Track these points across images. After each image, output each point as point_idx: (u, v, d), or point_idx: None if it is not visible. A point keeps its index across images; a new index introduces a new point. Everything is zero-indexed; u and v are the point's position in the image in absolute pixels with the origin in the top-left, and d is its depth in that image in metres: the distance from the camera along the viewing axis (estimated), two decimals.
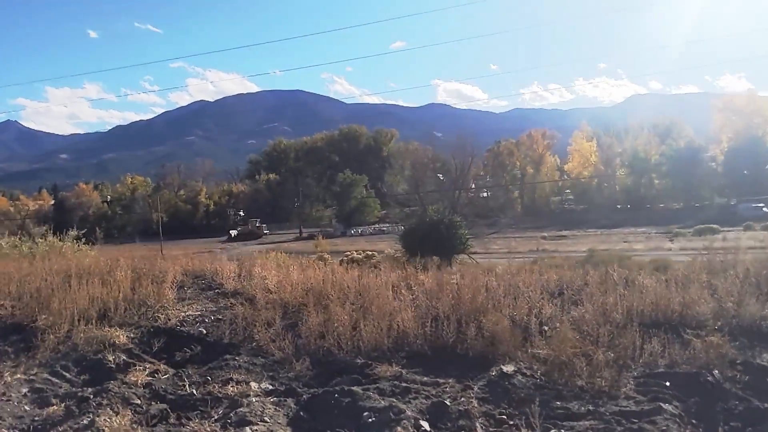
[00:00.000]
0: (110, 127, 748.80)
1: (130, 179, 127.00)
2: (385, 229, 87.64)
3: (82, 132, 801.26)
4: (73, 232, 16.91)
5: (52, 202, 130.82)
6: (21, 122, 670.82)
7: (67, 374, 5.37)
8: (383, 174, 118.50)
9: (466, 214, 46.98)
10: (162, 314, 6.56)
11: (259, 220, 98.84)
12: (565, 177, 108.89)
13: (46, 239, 16.05)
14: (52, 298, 6.54)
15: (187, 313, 6.64)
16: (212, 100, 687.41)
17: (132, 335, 6.09)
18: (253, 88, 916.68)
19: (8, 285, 7.43)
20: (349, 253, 42.78)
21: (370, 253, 44.35)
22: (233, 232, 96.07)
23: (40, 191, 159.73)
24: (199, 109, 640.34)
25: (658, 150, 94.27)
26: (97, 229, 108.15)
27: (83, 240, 17.87)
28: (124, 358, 5.65)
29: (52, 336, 5.89)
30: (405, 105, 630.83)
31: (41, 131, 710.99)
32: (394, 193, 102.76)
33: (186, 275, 8.01)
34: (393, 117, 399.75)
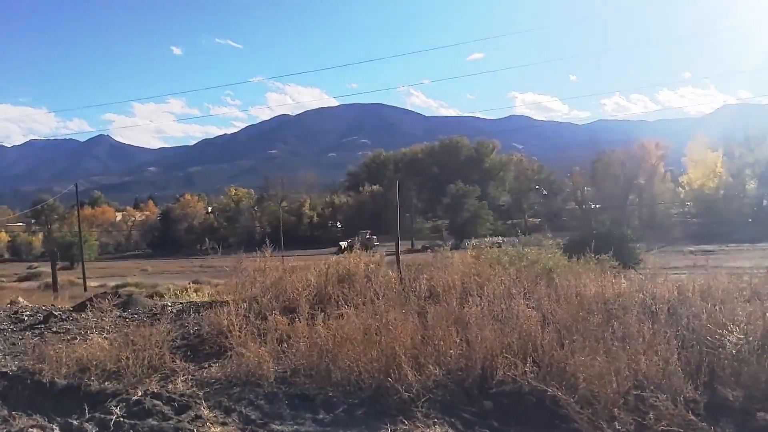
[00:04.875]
0: (195, 141, 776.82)
1: (234, 190, 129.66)
2: (500, 241, 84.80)
3: (168, 146, 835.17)
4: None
5: (158, 213, 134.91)
6: (112, 137, 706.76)
7: None
8: (485, 186, 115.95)
9: (636, 227, 44.98)
10: None
11: (369, 231, 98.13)
12: (683, 188, 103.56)
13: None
14: None
15: None
16: (293, 115, 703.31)
17: None
18: (333, 102, 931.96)
19: None
20: None
21: None
22: (343, 244, 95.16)
23: (136, 203, 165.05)
24: (281, 123, 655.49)
25: None
26: (206, 240, 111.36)
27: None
28: None
29: None
30: (483, 117, 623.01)
31: (131, 145, 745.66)
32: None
33: None
34: (473, 129, 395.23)
